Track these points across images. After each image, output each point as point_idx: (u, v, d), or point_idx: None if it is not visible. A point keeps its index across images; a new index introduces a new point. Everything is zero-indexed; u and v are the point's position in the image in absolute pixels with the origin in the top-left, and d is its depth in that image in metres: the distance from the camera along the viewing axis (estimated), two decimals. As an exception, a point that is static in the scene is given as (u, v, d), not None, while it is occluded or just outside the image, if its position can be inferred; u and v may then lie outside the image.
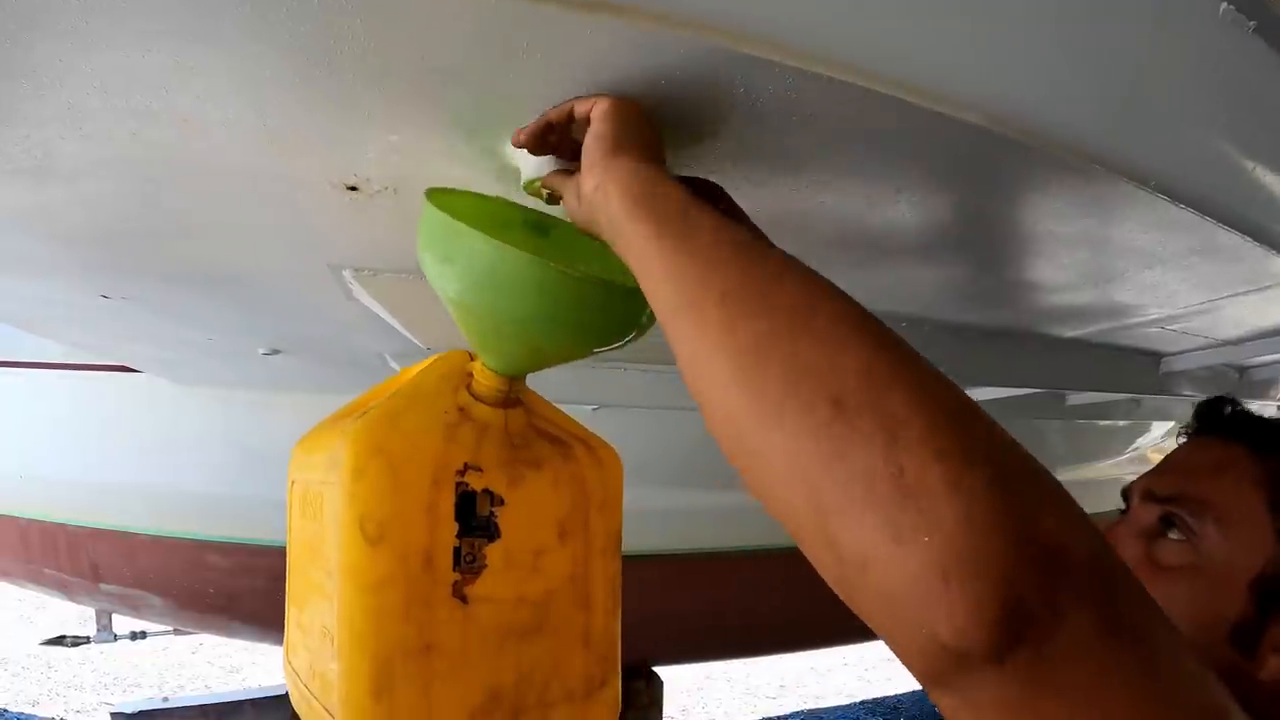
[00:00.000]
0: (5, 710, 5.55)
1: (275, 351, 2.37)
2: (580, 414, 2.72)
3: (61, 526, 3.53)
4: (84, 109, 0.80)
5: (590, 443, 0.97)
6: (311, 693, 0.87)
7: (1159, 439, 4.95)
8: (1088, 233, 1.18)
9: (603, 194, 0.63)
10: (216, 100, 0.77)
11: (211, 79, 0.73)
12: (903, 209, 1.03)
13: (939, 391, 0.47)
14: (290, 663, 0.98)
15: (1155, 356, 2.56)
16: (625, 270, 0.63)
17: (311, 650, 0.88)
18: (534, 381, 0.94)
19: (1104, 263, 1.39)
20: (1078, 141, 0.72)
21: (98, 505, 3.45)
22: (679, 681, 6.68)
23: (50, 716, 5.47)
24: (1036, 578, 0.41)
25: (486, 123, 0.77)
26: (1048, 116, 0.69)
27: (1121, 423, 4.43)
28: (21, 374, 3.52)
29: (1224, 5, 0.71)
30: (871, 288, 1.54)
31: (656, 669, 4.22)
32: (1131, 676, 0.41)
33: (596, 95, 0.69)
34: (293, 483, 1.01)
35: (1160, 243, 1.24)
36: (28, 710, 5.57)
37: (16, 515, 3.59)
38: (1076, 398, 3.04)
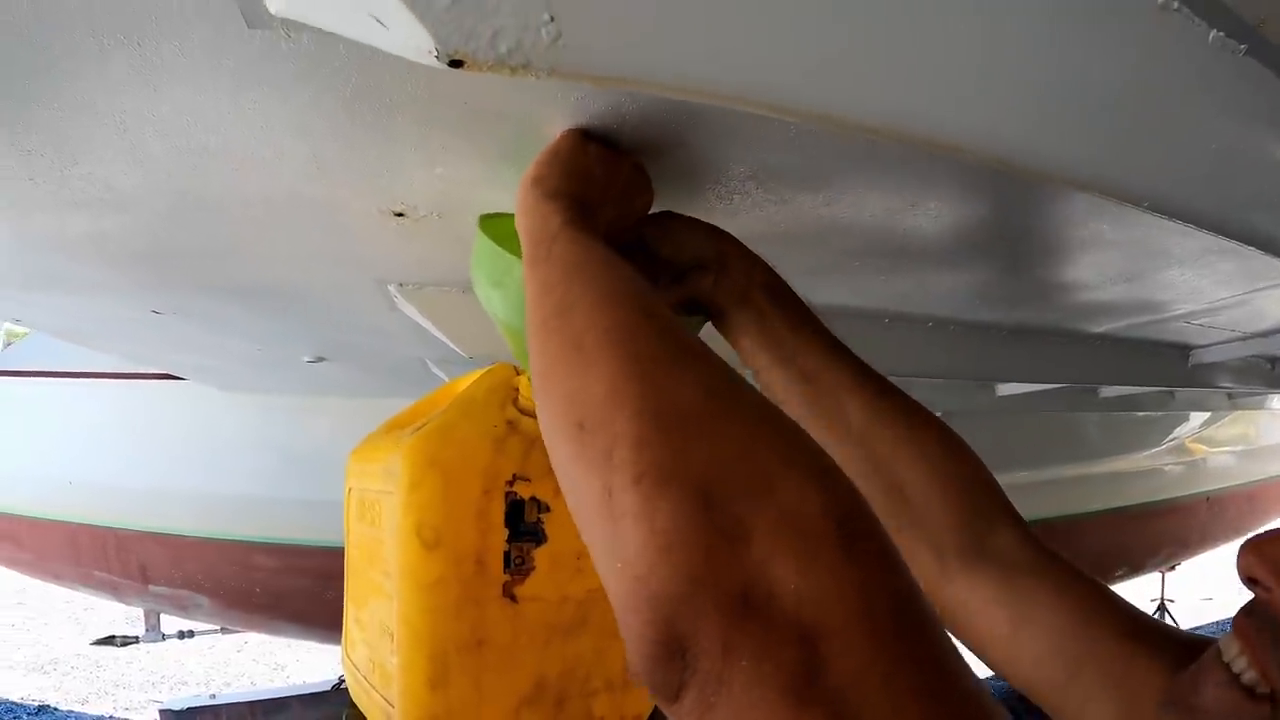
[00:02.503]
0: (55, 708, 5.66)
1: (320, 359, 2.43)
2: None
3: (111, 530, 3.63)
4: (146, 149, 0.87)
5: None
6: (371, 685, 0.93)
7: (1196, 429, 4.91)
8: (1101, 236, 1.21)
9: (517, 221, 0.68)
10: (272, 138, 0.83)
11: (268, 118, 0.78)
12: (919, 220, 1.07)
13: (674, 405, 0.46)
14: (349, 657, 1.05)
15: (1184, 349, 2.55)
16: None
17: (370, 645, 0.94)
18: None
19: (1121, 263, 1.42)
20: (1071, 172, 0.75)
21: (146, 509, 3.55)
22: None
23: (100, 715, 5.59)
24: (709, 615, 0.38)
25: (527, 153, 0.82)
26: (1041, 152, 0.72)
27: (1158, 414, 4.40)
28: (70, 383, 3.64)
29: (1214, 33, 0.72)
30: (898, 293, 1.58)
31: None
32: None
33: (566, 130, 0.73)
34: (349, 490, 1.07)
35: (1176, 244, 1.26)
36: (77, 708, 5.68)
37: (67, 520, 3.69)
38: (1109, 390, 3.03)
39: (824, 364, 0.79)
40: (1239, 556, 0.51)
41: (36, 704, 5.73)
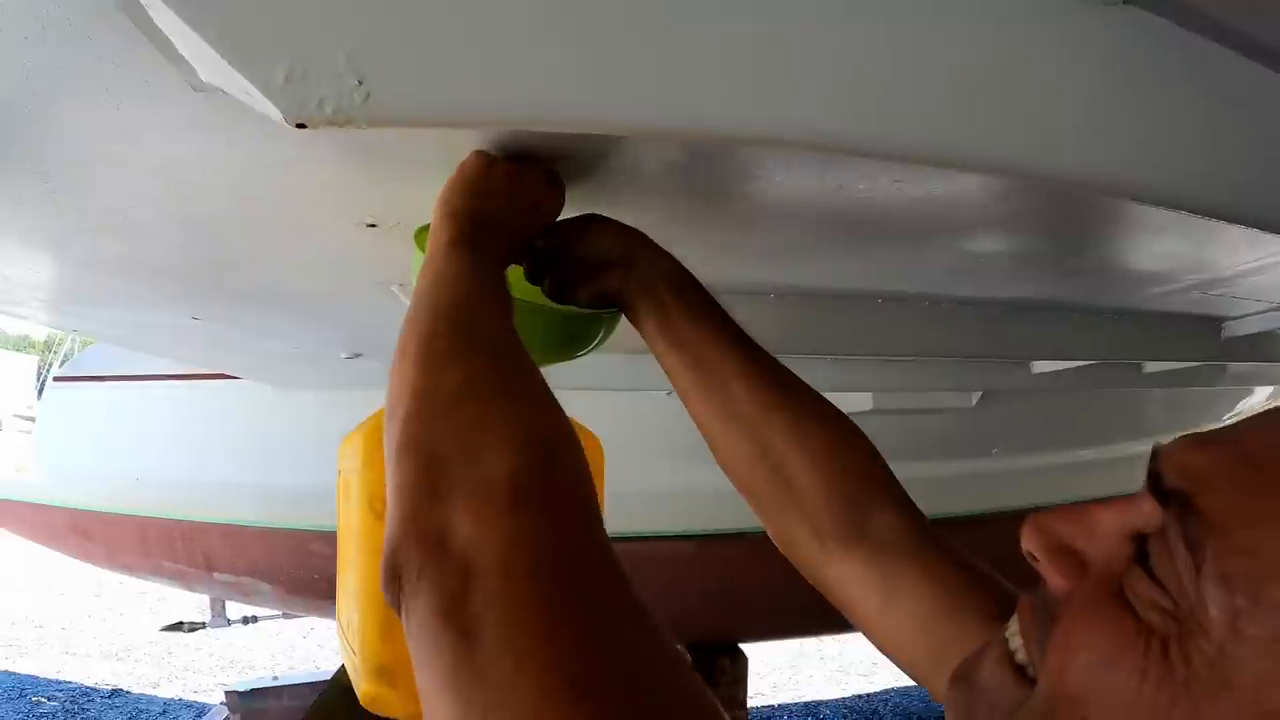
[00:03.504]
0: (128, 692, 5.90)
1: (356, 355, 2.53)
2: (653, 399, 2.76)
3: (177, 523, 3.81)
4: (148, 186, 1.00)
5: (569, 431, 1.13)
6: (346, 639, 1.06)
7: (1263, 402, 4.74)
8: (1073, 207, 1.19)
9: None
10: (246, 169, 0.95)
11: (236, 153, 0.90)
12: (861, 199, 1.06)
13: (436, 392, 0.57)
14: (340, 621, 1.18)
15: (1215, 322, 2.44)
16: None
17: (348, 607, 1.07)
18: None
19: (1104, 234, 1.40)
20: (926, 151, 0.75)
21: (209, 502, 3.72)
22: (772, 659, 6.70)
23: (170, 698, 5.81)
24: (412, 551, 0.49)
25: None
26: (894, 133, 0.72)
27: (1218, 388, 4.25)
28: (134, 386, 3.83)
29: None
30: (875, 272, 1.58)
31: (744, 645, 4.24)
32: (443, 669, 0.45)
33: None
34: (340, 473, 1.20)
35: (1146, 211, 1.16)
36: (149, 692, 5.91)
37: (136, 514, 3.88)
38: (1154, 366, 2.88)
39: (715, 351, 0.84)
40: (1021, 532, 0.47)
41: (110, 688, 5.97)
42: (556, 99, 0.61)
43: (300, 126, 0.55)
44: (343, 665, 1.15)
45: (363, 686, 0.97)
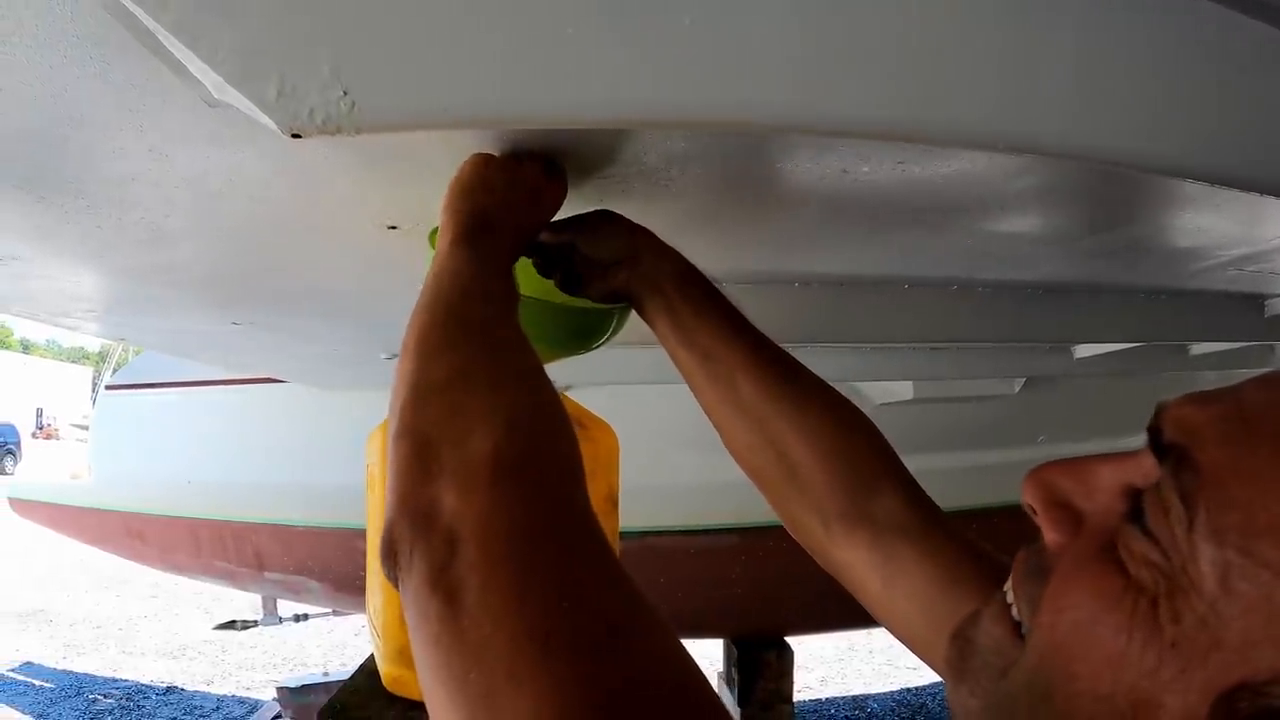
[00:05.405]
0: (182, 689, 5.99)
1: (394, 356, 2.58)
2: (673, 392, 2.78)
3: (227, 523, 3.91)
4: (178, 197, 1.05)
5: (583, 422, 1.17)
6: (373, 625, 1.10)
7: None
8: (1087, 182, 1.16)
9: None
10: (265, 177, 0.99)
11: (254, 163, 0.94)
12: (866, 181, 1.05)
13: (427, 381, 0.61)
14: (368, 608, 1.23)
15: (1257, 300, 2.38)
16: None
17: (373, 593, 1.12)
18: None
19: (1127, 210, 1.34)
20: (919, 129, 0.73)
21: (258, 502, 3.81)
22: (820, 653, 6.68)
23: (223, 694, 5.87)
24: (405, 526, 0.52)
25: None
26: (886, 111, 0.71)
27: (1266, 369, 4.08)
28: (184, 392, 3.95)
29: None
30: (895, 257, 1.56)
31: (791, 639, 4.23)
32: (430, 633, 0.47)
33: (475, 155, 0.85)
34: (367, 465, 1.25)
35: (1167, 182, 1.12)
36: (203, 689, 5.98)
37: (187, 516, 4.00)
38: (1200, 348, 2.77)
39: (721, 344, 0.87)
40: (1022, 484, 0.46)
41: (165, 685, 6.05)
42: (530, 98, 0.64)
43: (295, 136, 0.59)
44: (373, 652, 1.20)
45: (384, 668, 1.01)
